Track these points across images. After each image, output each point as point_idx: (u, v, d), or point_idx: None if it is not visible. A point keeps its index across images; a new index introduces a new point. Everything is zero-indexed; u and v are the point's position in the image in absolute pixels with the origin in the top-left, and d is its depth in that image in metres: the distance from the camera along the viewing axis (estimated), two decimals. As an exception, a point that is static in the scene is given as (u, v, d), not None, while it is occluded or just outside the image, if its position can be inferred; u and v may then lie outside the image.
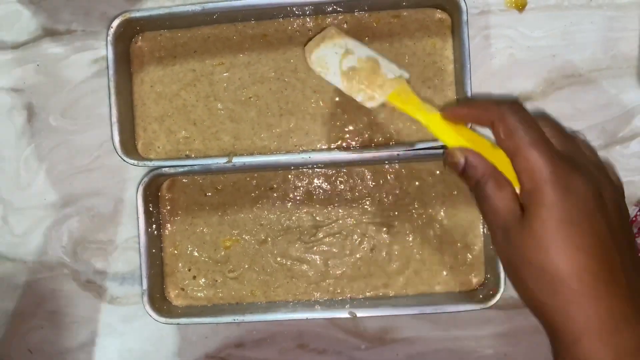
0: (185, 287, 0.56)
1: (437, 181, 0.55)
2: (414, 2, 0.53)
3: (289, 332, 0.57)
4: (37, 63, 0.57)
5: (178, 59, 0.55)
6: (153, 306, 0.53)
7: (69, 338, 0.58)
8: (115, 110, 0.52)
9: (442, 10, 0.54)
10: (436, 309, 0.52)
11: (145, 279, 0.53)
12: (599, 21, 0.54)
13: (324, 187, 0.56)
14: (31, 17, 0.57)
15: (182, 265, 0.56)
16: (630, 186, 0.55)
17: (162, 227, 0.56)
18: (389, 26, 0.54)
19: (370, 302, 0.54)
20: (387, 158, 0.53)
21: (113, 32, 0.52)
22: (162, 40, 0.55)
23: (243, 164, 0.52)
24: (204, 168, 0.53)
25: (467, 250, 0.55)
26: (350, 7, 0.53)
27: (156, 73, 0.55)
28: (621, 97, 0.54)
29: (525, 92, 0.55)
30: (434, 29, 0.54)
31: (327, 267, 0.55)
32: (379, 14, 0.54)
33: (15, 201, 0.57)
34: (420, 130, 0.54)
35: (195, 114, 0.55)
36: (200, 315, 0.54)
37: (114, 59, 0.52)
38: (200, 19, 0.53)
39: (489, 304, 0.52)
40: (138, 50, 0.55)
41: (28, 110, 0.57)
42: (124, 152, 0.52)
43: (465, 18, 0.51)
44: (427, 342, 0.56)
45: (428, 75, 0.54)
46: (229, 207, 0.56)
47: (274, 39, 0.54)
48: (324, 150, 0.54)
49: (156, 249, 0.55)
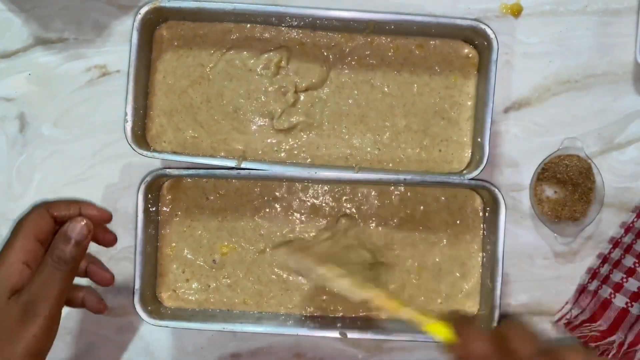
0: (178, 289, 0.55)
1: (441, 208, 0.54)
2: (443, 32, 0.52)
3: (286, 342, 0.56)
4: (29, 72, 0.56)
5: (193, 50, 0.54)
6: (144, 306, 0.52)
7: (63, 350, 0.57)
8: (131, 97, 0.51)
9: (471, 44, 0.53)
10: (427, 337, 0.51)
11: (138, 278, 0.52)
12: (595, 27, 0.54)
13: (328, 202, 0.55)
14: (22, 25, 0.56)
15: (177, 267, 0.55)
16: (626, 192, 0.54)
17: (160, 227, 0.55)
18: (408, 55, 0.54)
19: (362, 322, 0.54)
20: (394, 181, 0.53)
21: (140, 18, 0.51)
22: (184, 29, 0.54)
23: (248, 173, 0.52)
24: (209, 174, 0.52)
25: (464, 280, 0.54)
26: (374, 29, 0.53)
27: (170, 63, 0.54)
28: (617, 103, 0.54)
29: (521, 98, 0.55)
30: (458, 64, 0.53)
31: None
32: (402, 40, 0.53)
33: (7, 212, 0.56)
34: (428, 160, 0.54)
35: (201, 115, 0.54)
36: (191, 320, 0.53)
37: (137, 44, 0.51)
38: (227, 16, 0.53)
39: None
40: (159, 38, 0.54)
41: (20, 120, 0.56)
42: (134, 141, 0.51)
43: (495, 57, 0.50)
44: (424, 350, 0.56)
45: (443, 107, 0.53)
46: (229, 213, 0.55)
47: (308, 50, 0.54)
48: (332, 167, 0.53)
49: (152, 249, 0.54)
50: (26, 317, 0.44)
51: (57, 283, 0.45)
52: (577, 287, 0.55)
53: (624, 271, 0.52)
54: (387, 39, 0.54)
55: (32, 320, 0.44)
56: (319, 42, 0.54)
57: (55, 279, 0.45)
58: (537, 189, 0.54)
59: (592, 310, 0.53)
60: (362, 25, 0.52)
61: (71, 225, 0.47)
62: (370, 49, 0.54)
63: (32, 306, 0.44)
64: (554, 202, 0.54)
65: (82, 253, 0.47)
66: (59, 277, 0.46)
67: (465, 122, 0.53)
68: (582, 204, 0.53)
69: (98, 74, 0.56)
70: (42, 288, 0.45)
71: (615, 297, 0.52)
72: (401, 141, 0.54)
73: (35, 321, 0.44)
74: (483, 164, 0.50)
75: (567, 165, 0.53)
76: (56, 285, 0.45)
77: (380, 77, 0.54)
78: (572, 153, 0.53)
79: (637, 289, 0.52)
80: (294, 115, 0.54)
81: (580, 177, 0.53)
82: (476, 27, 0.50)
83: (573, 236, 0.54)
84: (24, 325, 0.44)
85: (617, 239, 0.54)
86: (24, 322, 0.44)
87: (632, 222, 0.54)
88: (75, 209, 0.50)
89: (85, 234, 0.47)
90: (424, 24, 0.51)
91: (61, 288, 0.46)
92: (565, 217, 0.54)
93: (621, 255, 0.53)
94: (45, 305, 0.45)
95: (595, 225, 0.54)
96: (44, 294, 0.45)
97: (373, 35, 0.54)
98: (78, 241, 0.46)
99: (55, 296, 0.45)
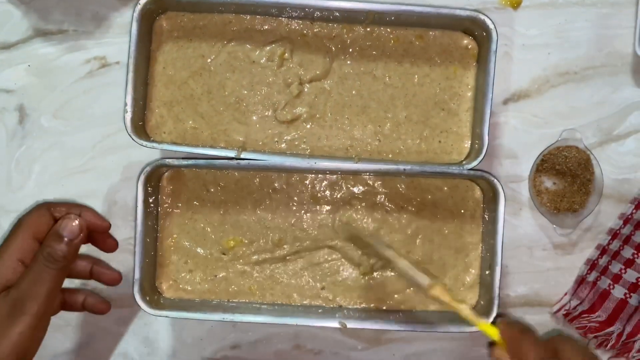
0: (179, 280, 0.55)
1: (446, 197, 0.54)
2: (443, 23, 0.53)
3: (285, 333, 0.56)
4: (29, 64, 0.56)
5: (193, 42, 0.54)
6: (143, 297, 0.52)
7: (63, 341, 0.57)
8: (130, 88, 0.51)
9: (471, 35, 0.53)
10: (426, 328, 0.52)
11: (138, 268, 0.52)
12: (594, 18, 0.54)
13: (329, 193, 0.55)
14: (22, 17, 0.56)
15: (178, 258, 0.55)
16: (625, 184, 0.55)
17: (160, 218, 0.55)
18: (408, 46, 0.54)
19: (363, 313, 0.54)
20: (394, 171, 0.53)
21: (140, 9, 0.51)
22: (183, 20, 0.54)
23: (248, 163, 0.52)
24: (209, 164, 0.52)
25: (466, 273, 0.54)
26: (374, 19, 0.53)
27: (170, 54, 0.54)
28: (616, 94, 0.54)
29: (520, 90, 0.55)
30: (458, 55, 0.53)
31: (326, 276, 0.55)
32: (402, 31, 0.54)
33: (7, 204, 0.56)
34: (428, 152, 0.54)
35: (202, 106, 0.54)
36: (191, 310, 0.53)
37: (137, 35, 0.51)
38: (227, 7, 0.53)
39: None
40: (159, 29, 0.54)
41: (20, 112, 0.56)
42: (133, 132, 0.51)
43: (495, 47, 0.50)
44: (423, 341, 0.56)
45: (443, 98, 0.54)
46: (231, 205, 0.55)
47: (309, 41, 0.54)
48: (332, 158, 0.53)
49: (151, 240, 0.54)
50: (13, 314, 0.44)
51: (46, 281, 0.45)
52: (576, 278, 0.55)
53: (622, 262, 0.52)
54: (387, 29, 0.54)
55: (19, 317, 0.44)
56: (320, 33, 0.54)
57: (45, 277, 0.45)
58: (536, 180, 0.54)
59: (591, 301, 0.54)
60: (362, 16, 0.52)
61: (63, 223, 0.46)
62: (371, 39, 0.54)
63: (20, 303, 0.44)
64: (553, 193, 0.54)
65: (73, 252, 0.46)
66: (48, 275, 0.45)
67: (464, 113, 0.54)
68: (581, 196, 0.54)
69: (98, 65, 0.56)
70: (31, 286, 0.44)
71: (614, 288, 0.53)
72: (401, 132, 0.54)
73: (22, 319, 0.44)
74: (482, 155, 0.50)
75: (566, 157, 0.53)
76: (45, 283, 0.45)
77: (382, 68, 0.54)
78: (571, 144, 0.53)
79: (636, 280, 0.52)
80: (298, 106, 0.54)
81: (579, 168, 0.53)
82: (475, 17, 0.50)
83: (572, 227, 0.54)
84: (10, 323, 0.44)
85: (616, 230, 0.54)
86: (11, 319, 0.44)
87: (630, 213, 0.54)
88: (76, 212, 0.49)
89: (77, 232, 0.46)
90: (423, 14, 0.51)
91: (50, 286, 0.45)
92: (564, 208, 0.54)
93: (620, 247, 0.53)
94: (33, 303, 0.44)
95: (594, 216, 0.54)
96: (33, 291, 0.44)
97: (373, 26, 0.54)
98: (70, 239, 0.46)
99: (44, 294, 0.44)
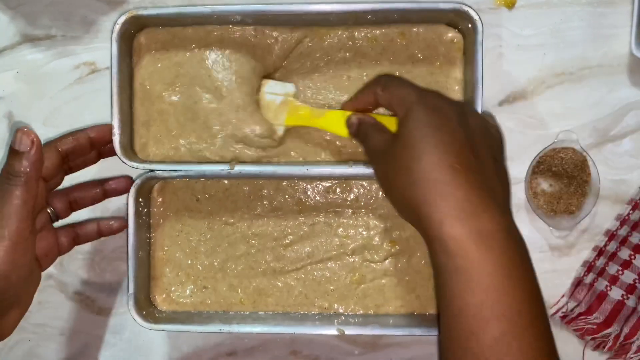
0: (172, 292, 0.55)
1: None
2: (424, 17, 0.51)
3: (281, 339, 0.56)
4: (17, 70, 0.55)
5: (170, 52, 0.52)
6: (139, 310, 0.52)
7: (57, 351, 0.57)
8: (116, 110, 0.50)
9: (455, 28, 0.52)
10: (424, 332, 0.51)
11: (132, 282, 0.52)
12: (589, 18, 0.54)
13: (320, 199, 0.54)
14: (9, 22, 0.55)
15: (170, 270, 0.55)
16: (622, 185, 0.54)
17: (152, 230, 0.54)
18: (388, 44, 0.52)
19: (360, 318, 0.53)
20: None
21: (118, 29, 0.50)
22: (162, 33, 0.52)
23: (239, 172, 0.50)
24: (199, 174, 0.52)
25: None
26: (355, 19, 0.51)
27: (147, 69, 0.53)
28: (612, 95, 0.54)
29: (515, 91, 0.54)
30: (443, 50, 0.52)
31: (321, 282, 0.54)
32: (383, 29, 0.52)
33: (-3, 213, 0.56)
34: None
35: (185, 115, 0.53)
36: (186, 322, 0.52)
37: (117, 56, 0.50)
38: (208, 19, 0.51)
39: None
40: (137, 45, 0.53)
41: (8, 119, 0.56)
42: (123, 154, 0.50)
43: (481, 38, 0.48)
44: (420, 346, 0.56)
45: None
46: (220, 214, 0.54)
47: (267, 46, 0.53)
48: (323, 163, 0.52)
49: (144, 252, 0.53)
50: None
51: (13, 199, 0.44)
52: (572, 280, 0.55)
53: (619, 264, 0.52)
54: (367, 29, 0.52)
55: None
56: (288, 39, 0.52)
57: (10, 197, 0.44)
58: (532, 182, 0.54)
59: (588, 303, 0.53)
60: (345, 17, 0.51)
61: (16, 137, 0.45)
62: (352, 40, 0.53)
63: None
64: (549, 195, 0.54)
65: (32, 166, 0.44)
66: (12, 193, 0.44)
67: None
68: (577, 197, 0.53)
69: (87, 71, 0.55)
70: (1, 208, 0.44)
71: (611, 289, 0.52)
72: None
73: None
74: None
75: (562, 159, 0.53)
76: (12, 202, 0.44)
77: (356, 69, 0.52)
78: (567, 146, 0.53)
79: (633, 282, 0.52)
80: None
81: (576, 170, 0.53)
82: (459, 9, 0.49)
83: (569, 229, 0.54)
84: None
85: (613, 232, 0.54)
86: None
87: (627, 214, 0.54)
88: (82, 134, 0.50)
89: (27, 144, 0.44)
90: (405, 10, 0.50)
91: (18, 204, 0.44)
92: (560, 210, 0.53)
93: (617, 248, 0.53)
94: (4, 224, 0.44)
95: (590, 218, 0.54)
96: (3, 213, 0.44)
97: (354, 27, 0.52)
98: (22, 152, 0.44)
99: (14, 213, 0.44)
